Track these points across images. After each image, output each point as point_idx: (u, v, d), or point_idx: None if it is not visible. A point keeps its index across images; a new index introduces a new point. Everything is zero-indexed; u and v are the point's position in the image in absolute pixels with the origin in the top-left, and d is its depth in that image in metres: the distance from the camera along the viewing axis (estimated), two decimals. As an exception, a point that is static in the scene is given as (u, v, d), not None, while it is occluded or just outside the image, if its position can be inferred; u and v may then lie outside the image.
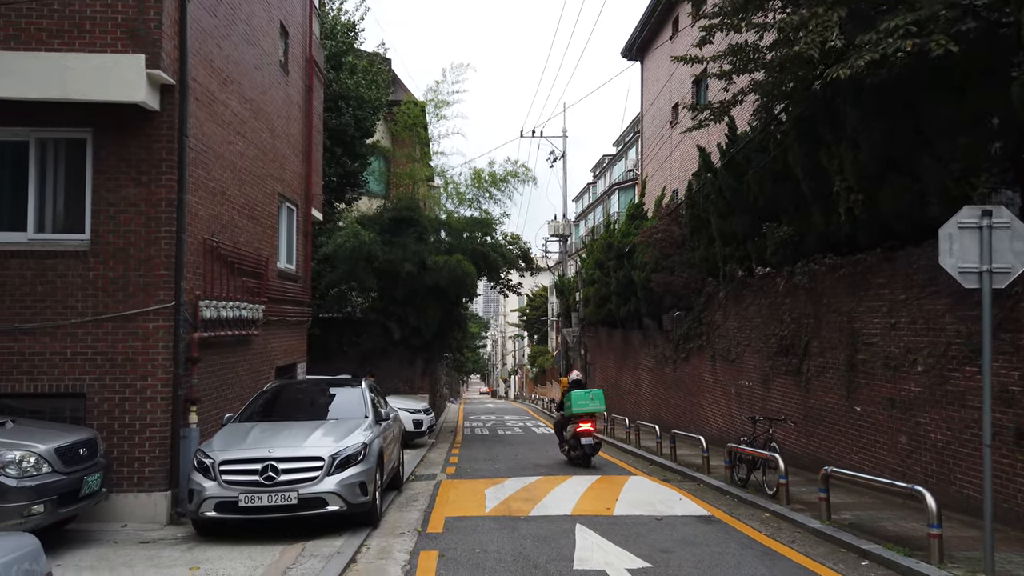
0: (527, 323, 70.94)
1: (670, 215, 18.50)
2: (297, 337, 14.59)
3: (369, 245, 18.50)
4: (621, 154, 48.50)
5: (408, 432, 17.51)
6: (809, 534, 8.05)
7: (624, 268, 23.28)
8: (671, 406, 20.70)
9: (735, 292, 15.71)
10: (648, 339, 23.14)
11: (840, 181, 10.25)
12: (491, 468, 14.11)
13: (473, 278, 19.14)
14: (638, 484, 11.77)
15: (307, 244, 15.29)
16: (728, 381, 16.18)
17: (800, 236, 12.42)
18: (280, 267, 13.47)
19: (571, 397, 14.32)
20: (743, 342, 15.30)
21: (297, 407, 9.63)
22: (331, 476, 7.74)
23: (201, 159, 9.48)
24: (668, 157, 27.80)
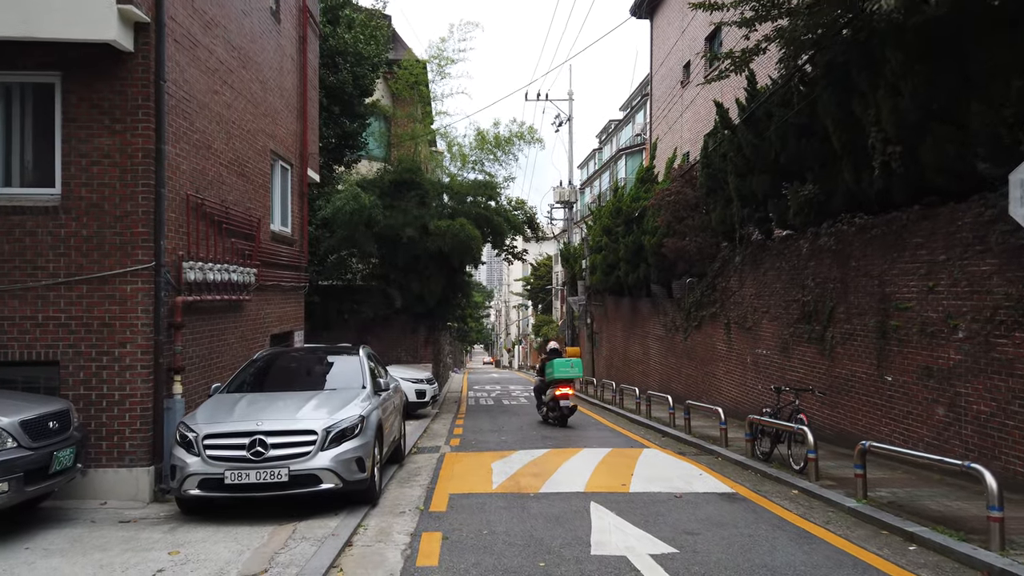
0: (531, 293, 70.35)
1: (683, 176, 17.69)
2: (293, 304, 13.92)
3: (369, 209, 17.76)
4: (628, 118, 47.41)
5: (410, 402, 16.95)
6: (845, 514, 7.41)
7: (633, 233, 22.51)
8: (682, 376, 20.07)
9: (753, 256, 14.97)
10: (657, 307, 22.45)
11: (876, 132, 9.45)
12: (497, 440, 13.52)
13: (478, 242, 18.40)
14: (653, 458, 11.15)
15: (303, 206, 14.54)
16: (744, 350, 15.51)
17: (826, 195, 11.65)
18: (274, 229, 12.75)
19: (553, 364, 15.54)
20: (761, 309, 14.60)
21: (290, 377, 8.97)
22: (325, 451, 7.10)
23: (182, 108, 8.71)
24: (679, 119, 26.86)
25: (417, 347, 20.04)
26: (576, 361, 15.81)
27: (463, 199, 20.52)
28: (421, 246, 18.78)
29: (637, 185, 23.74)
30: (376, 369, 9.69)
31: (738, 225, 14.67)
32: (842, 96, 10.22)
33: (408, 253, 19.08)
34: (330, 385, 8.60)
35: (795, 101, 12.23)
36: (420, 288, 19.25)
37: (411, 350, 20.03)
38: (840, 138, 10.44)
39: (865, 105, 9.60)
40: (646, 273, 21.94)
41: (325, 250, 18.70)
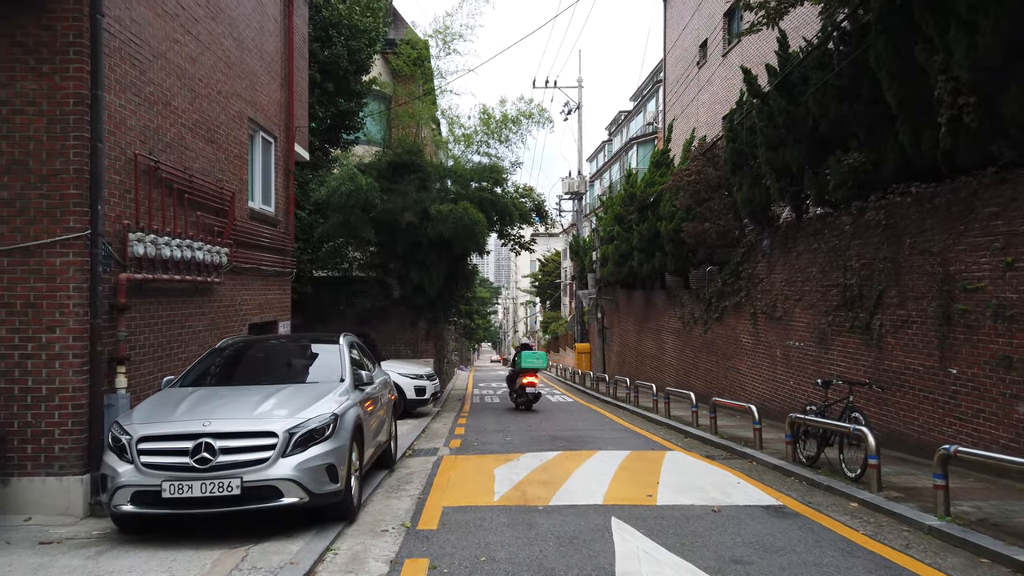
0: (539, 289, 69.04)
1: (704, 155, 16.32)
2: (277, 290, 12.62)
3: (366, 191, 16.44)
4: (639, 108, 45.99)
5: (410, 400, 15.70)
6: (926, 535, 6.05)
7: (648, 220, 21.14)
8: (700, 371, 18.70)
9: (784, 238, 13.59)
10: (673, 299, 21.08)
11: (944, 82, 8.07)
12: (501, 441, 12.20)
13: (482, 227, 17.06)
14: (679, 462, 9.80)
15: (289, 184, 13.25)
16: (773, 342, 14.13)
17: (874, 164, 10.27)
18: (253, 207, 11.47)
19: (522, 356, 17.81)
20: (792, 296, 13.23)
21: (257, 368, 7.64)
22: (287, 457, 5.79)
23: (130, 52, 7.41)
24: (694, 101, 25.48)
25: (417, 341, 18.74)
26: (541, 354, 17.94)
27: (467, 184, 19.19)
28: (421, 232, 17.46)
29: (652, 169, 22.36)
30: (362, 361, 8.38)
31: (770, 203, 13.21)
32: (901, 43, 8.83)
33: (407, 240, 17.77)
34: (303, 378, 7.28)
35: (835, 61, 10.87)
36: (420, 278, 17.93)
37: (411, 344, 18.73)
38: (897, 94, 9.05)
39: (931, 50, 8.22)
40: (662, 262, 20.56)
41: (319, 237, 17.41)
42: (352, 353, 7.97)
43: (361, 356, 8.54)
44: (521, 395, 17.54)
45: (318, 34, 17.49)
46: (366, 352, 9.17)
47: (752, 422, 10.50)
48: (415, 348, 18.69)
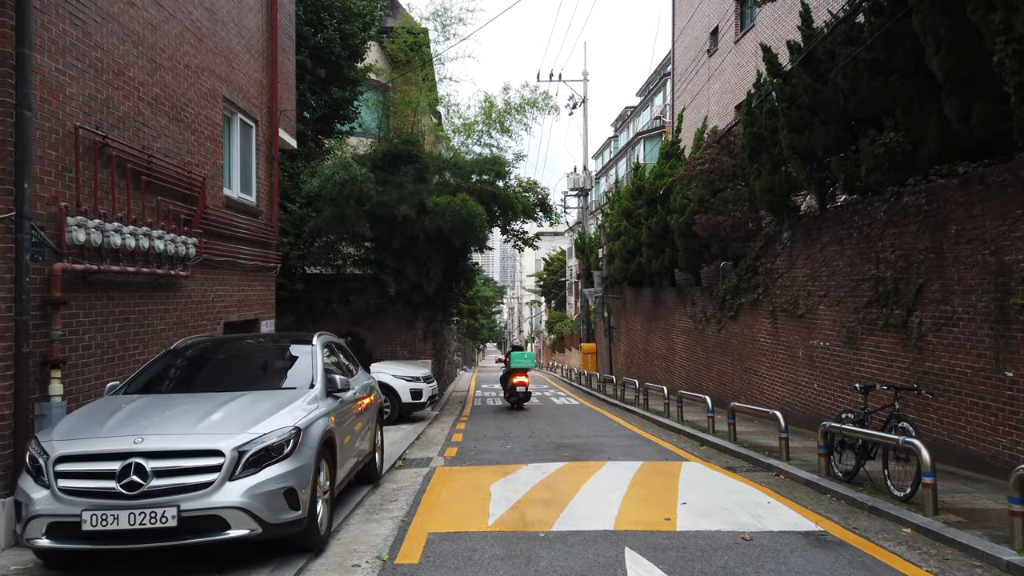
0: (544, 289, 68.09)
1: (719, 142, 15.30)
2: (259, 287, 11.67)
3: (361, 182, 15.47)
4: (646, 102, 44.96)
5: (404, 403, 14.75)
6: (1004, 573, 5.04)
7: (657, 214, 20.13)
8: (713, 373, 17.68)
9: (807, 230, 12.58)
10: (684, 297, 20.06)
11: (1004, 44, 7.05)
12: (501, 449, 11.21)
13: (481, 220, 16.09)
14: (697, 475, 8.80)
15: (272, 172, 12.29)
16: (794, 342, 13.12)
17: (913, 143, 9.26)
18: (228, 194, 10.52)
19: (512, 357, 18.50)
20: (817, 292, 12.21)
21: (216, 372, 6.65)
22: (236, 480, 4.82)
23: (69, 10, 6.46)
24: (704, 89, 24.47)
25: (415, 341, 17.78)
26: (530, 354, 18.80)
27: (467, 176, 18.20)
28: (418, 226, 16.49)
29: (661, 161, 21.35)
30: (339, 364, 7.42)
31: (799, 186, 12.13)
32: (951, 3, 7.81)
33: (404, 234, 16.81)
34: (267, 384, 6.28)
35: (867, 33, 9.86)
36: (417, 274, 16.96)
37: (408, 344, 17.78)
38: (945, 61, 8.02)
39: (988, 8, 7.20)
40: (672, 258, 19.56)
41: (311, 232, 16.46)
42: (327, 356, 7.00)
43: (340, 359, 7.57)
44: (512, 394, 18.21)
45: (309, 16, 16.57)
46: (348, 354, 8.21)
47: (777, 430, 9.48)
48: (412, 348, 17.73)
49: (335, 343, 7.71)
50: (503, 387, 19.26)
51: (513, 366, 18.39)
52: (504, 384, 19.10)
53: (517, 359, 18.40)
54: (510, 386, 18.37)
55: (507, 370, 18.89)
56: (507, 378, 18.77)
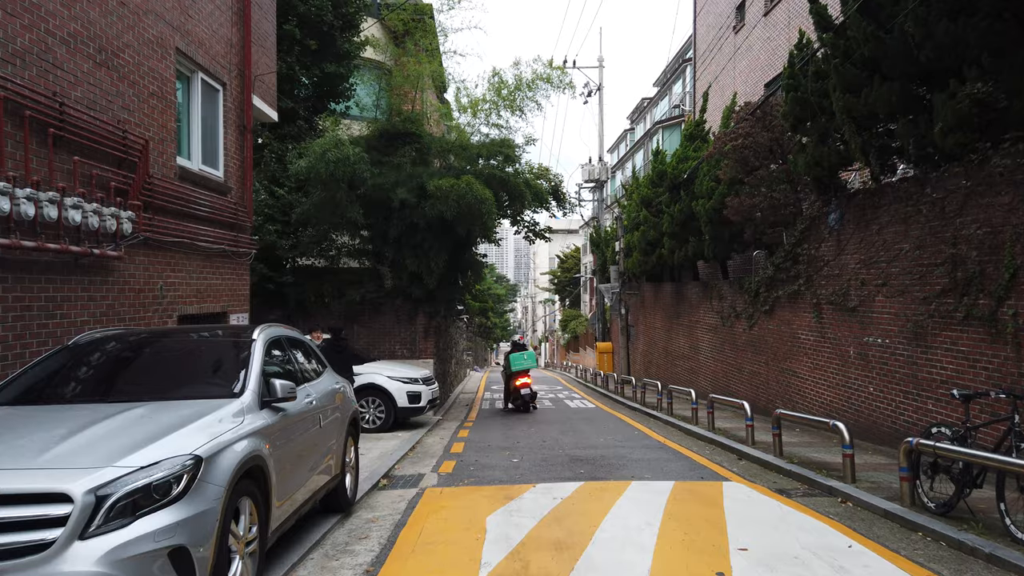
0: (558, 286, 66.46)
1: (752, 115, 13.60)
2: (227, 275, 10.12)
3: (354, 163, 13.90)
4: (664, 92, 43.18)
5: (401, 408, 13.20)
6: None
7: (681, 201, 18.45)
8: (745, 375, 15.98)
9: (860, 209, 10.89)
10: (709, 290, 18.37)
11: None
12: (507, 464, 9.60)
13: (489, 206, 14.47)
14: (745, 501, 7.15)
15: (245, 145, 10.74)
16: (844, 339, 11.42)
17: (1008, 95, 7.57)
18: (186, 165, 8.97)
19: (512, 360, 17.06)
20: (873, 280, 10.52)
21: (116, 377, 5.02)
22: (92, 539, 3.23)
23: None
24: (729, 68, 22.75)
25: (415, 339, 16.21)
26: (530, 354, 17.25)
27: (473, 160, 16.59)
28: (418, 212, 14.91)
29: (684, 143, 19.65)
30: (296, 364, 5.84)
31: (855, 156, 10.40)
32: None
33: (402, 222, 15.24)
34: (176, 392, 4.65)
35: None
36: (417, 265, 15.38)
37: (408, 343, 16.22)
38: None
39: None
40: (696, 249, 17.88)
41: (299, 218, 14.93)
42: (277, 355, 5.41)
43: (297, 359, 5.98)
44: (517, 398, 17.03)
45: (296, -18, 15.05)
46: (312, 353, 6.62)
47: (841, 445, 7.78)
48: (412, 347, 16.16)
49: (290, 338, 6.11)
50: (505, 392, 17.95)
51: (514, 369, 17.17)
52: (506, 388, 17.80)
53: (517, 361, 17.16)
54: (513, 389, 17.16)
55: (507, 373, 17.64)
56: (508, 382, 17.55)
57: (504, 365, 18.27)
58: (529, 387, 17.13)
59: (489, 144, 17.69)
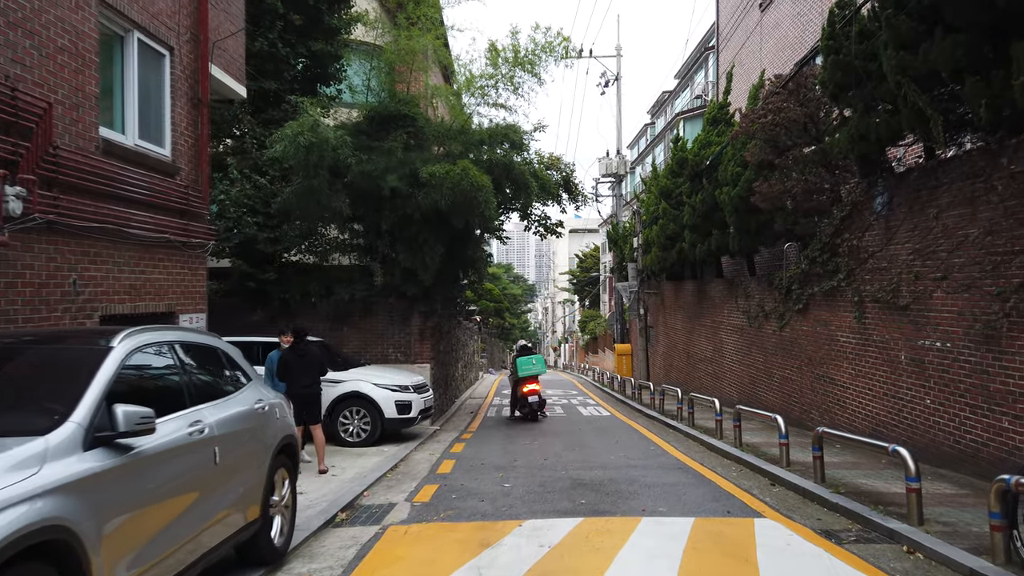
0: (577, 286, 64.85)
1: (784, 87, 12.01)
2: (174, 269, 8.75)
3: (335, 147, 12.51)
4: (685, 83, 41.50)
5: (388, 419, 11.85)
6: None
7: (703, 190, 16.88)
8: (775, 381, 14.38)
9: (913, 190, 9.30)
10: (734, 288, 16.79)
11: None
12: (496, 490, 8.14)
13: (487, 194, 13.00)
14: (783, 551, 5.62)
15: (200, 121, 9.38)
16: (893, 341, 9.83)
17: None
18: (115, 139, 7.62)
19: (519, 364, 16.00)
20: (930, 274, 8.93)
21: None
22: None
23: None
24: (755, 50, 21.12)
25: (409, 341, 14.79)
26: (538, 358, 16.20)
27: (476, 146, 15.10)
28: (411, 203, 13.48)
29: (707, 128, 18.06)
30: (190, 376, 4.43)
31: (915, 124, 8.71)
32: None
33: (394, 213, 13.81)
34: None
35: None
36: (411, 261, 13.94)
37: (402, 346, 14.81)
38: None
39: None
40: (720, 243, 16.30)
41: (280, 210, 13.57)
42: (139, 368, 3.99)
43: (186, 373, 4.53)
44: (524, 406, 15.83)
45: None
46: (228, 362, 5.20)
47: (905, 477, 6.20)
48: (407, 350, 14.74)
49: (188, 344, 4.69)
50: (512, 399, 16.71)
51: (521, 374, 15.98)
52: (513, 395, 16.56)
53: (525, 366, 16.00)
54: (520, 396, 15.90)
55: (515, 379, 16.44)
56: (515, 388, 16.31)
57: (511, 370, 17.05)
58: (538, 394, 15.81)
59: (493, 129, 16.21)
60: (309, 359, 9.47)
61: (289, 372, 9.43)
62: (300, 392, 9.44)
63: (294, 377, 9.44)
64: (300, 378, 9.44)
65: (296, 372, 9.39)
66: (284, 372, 9.45)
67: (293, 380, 9.43)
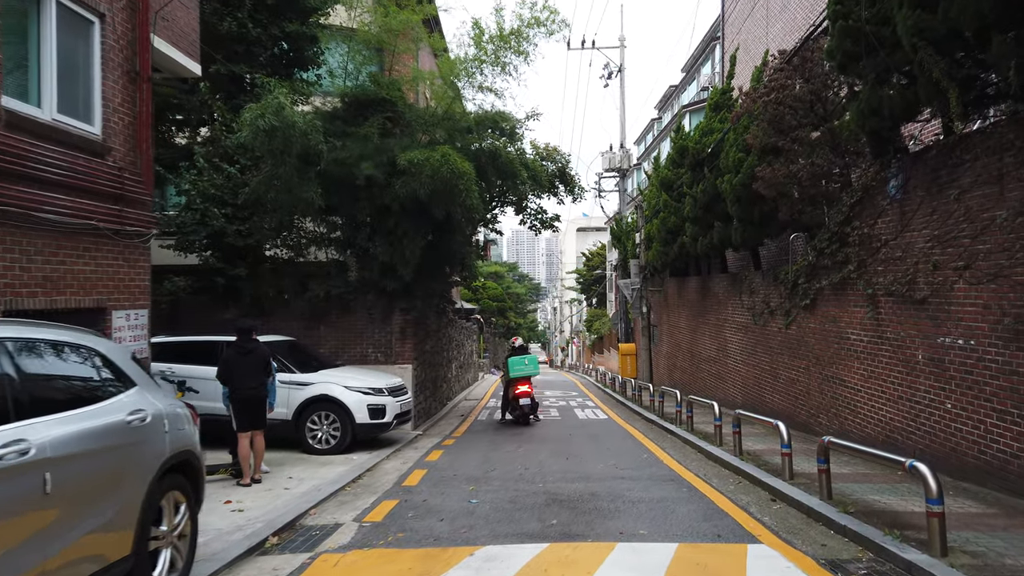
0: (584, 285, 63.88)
1: (788, 63, 11.03)
2: (104, 259, 7.87)
3: (305, 133, 11.61)
4: (692, 76, 40.48)
5: (360, 424, 11.00)
6: None
7: (705, 180, 15.91)
8: (780, 383, 13.39)
9: (932, 169, 8.31)
10: (738, 284, 15.81)
11: None
12: (459, 508, 7.23)
13: (468, 182, 12.05)
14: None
15: (138, 97, 8.50)
16: (909, 338, 8.84)
17: None
18: (25, 112, 6.75)
19: (510, 364, 15.15)
20: (951, 262, 7.94)
21: None
22: None
23: None
24: (762, 36, 20.12)
25: (390, 341, 13.87)
26: (531, 358, 15.39)
27: (463, 133, 14.15)
28: (389, 193, 12.56)
29: (709, 114, 17.07)
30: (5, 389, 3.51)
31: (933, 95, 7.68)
32: None
33: (371, 203, 12.91)
34: None
35: None
36: (390, 254, 13.03)
37: (382, 346, 13.90)
38: None
39: None
40: (723, 235, 15.33)
41: (248, 200, 12.71)
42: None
43: (14, 376, 3.62)
44: (515, 408, 15.06)
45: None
46: (107, 363, 4.30)
47: (926, 499, 5.22)
48: (387, 350, 13.84)
49: (22, 343, 3.76)
50: (503, 401, 15.79)
51: (513, 375, 15.17)
52: (504, 397, 15.68)
53: (517, 366, 15.17)
54: (512, 398, 15.13)
55: (506, 380, 15.60)
56: (507, 389, 15.48)
57: (503, 370, 16.26)
58: (530, 396, 14.98)
59: (480, 116, 15.30)
60: (254, 358, 8.62)
61: (231, 373, 8.57)
62: (245, 395, 8.60)
63: (238, 378, 8.58)
64: (244, 379, 8.58)
65: (240, 373, 8.53)
66: (226, 373, 8.59)
67: (236, 382, 8.58)
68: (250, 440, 8.70)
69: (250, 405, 8.53)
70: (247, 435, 8.66)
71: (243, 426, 8.62)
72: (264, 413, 8.87)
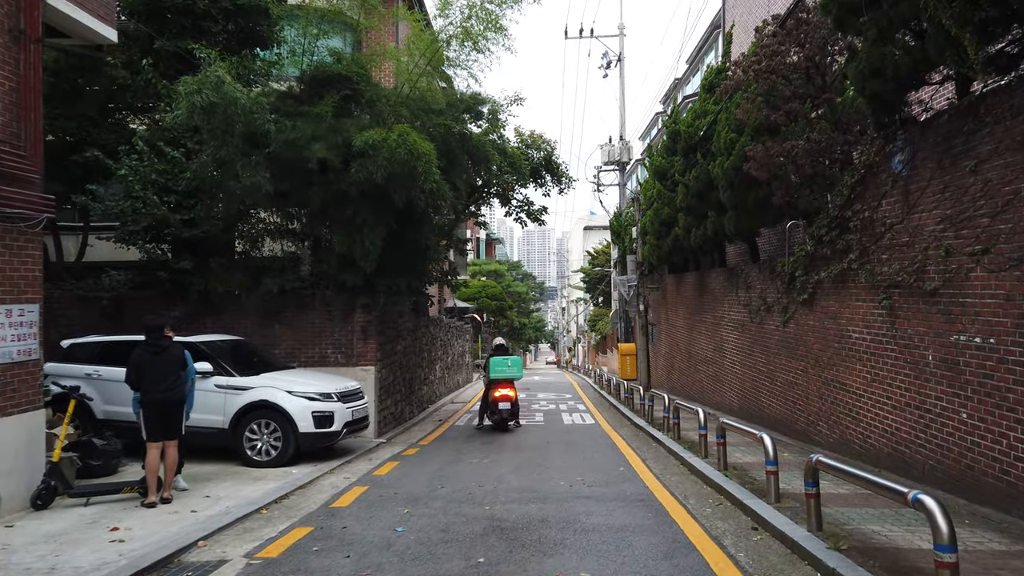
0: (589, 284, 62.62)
1: (782, 27, 9.81)
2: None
3: (250, 111, 10.50)
4: (695, 67, 39.20)
5: (304, 434, 9.92)
6: None
7: (698, 166, 14.69)
8: (777, 385, 12.18)
9: (944, 139, 7.09)
10: (734, 278, 14.59)
11: None
12: (380, 538, 6.07)
13: (428, 163, 10.86)
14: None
15: (23, 60, 7.40)
16: (918, 336, 7.62)
17: None
18: None
19: (491, 364, 14.23)
20: (966, 247, 6.73)
21: None
22: None
23: None
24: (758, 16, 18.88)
25: (351, 340, 12.72)
26: (515, 359, 14.33)
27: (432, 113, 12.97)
28: (346, 177, 11.42)
29: (703, 97, 15.85)
30: None
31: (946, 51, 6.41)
32: None
33: (326, 189, 11.76)
34: None
35: None
36: (348, 245, 11.89)
37: (342, 345, 12.76)
38: None
39: None
40: (716, 225, 14.14)
41: (191, 186, 11.60)
42: None
43: None
44: (494, 412, 14.04)
45: None
46: None
47: (934, 545, 4.02)
48: (348, 351, 12.69)
49: None
50: (482, 405, 14.83)
51: (493, 377, 14.15)
52: (484, 400, 14.70)
53: (498, 367, 14.16)
54: (491, 402, 14.07)
55: (487, 382, 14.59)
56: (487, 392, 14.52)
57: (483, 370, 15.21)
58: (510, 400, 13.98)
59: (453, 98, 14.18)
60: (167, 357, 7.54)
61: (142, 375, 7.48)
62: (159, 397, 7.51)
63: (149, 380, 7.48)
64: (157, 381, 7.49)
65: (151, 374, 7.44)
66: (136, 376, 7.49)
67: (147, 384, 7.49)
68: (161, 451, 7.62)
69: (163, 409, 7.47)
70: (158, 446, 7.56)
71: (153, 435, 7.53)
72: (179, 420, 7.79)
